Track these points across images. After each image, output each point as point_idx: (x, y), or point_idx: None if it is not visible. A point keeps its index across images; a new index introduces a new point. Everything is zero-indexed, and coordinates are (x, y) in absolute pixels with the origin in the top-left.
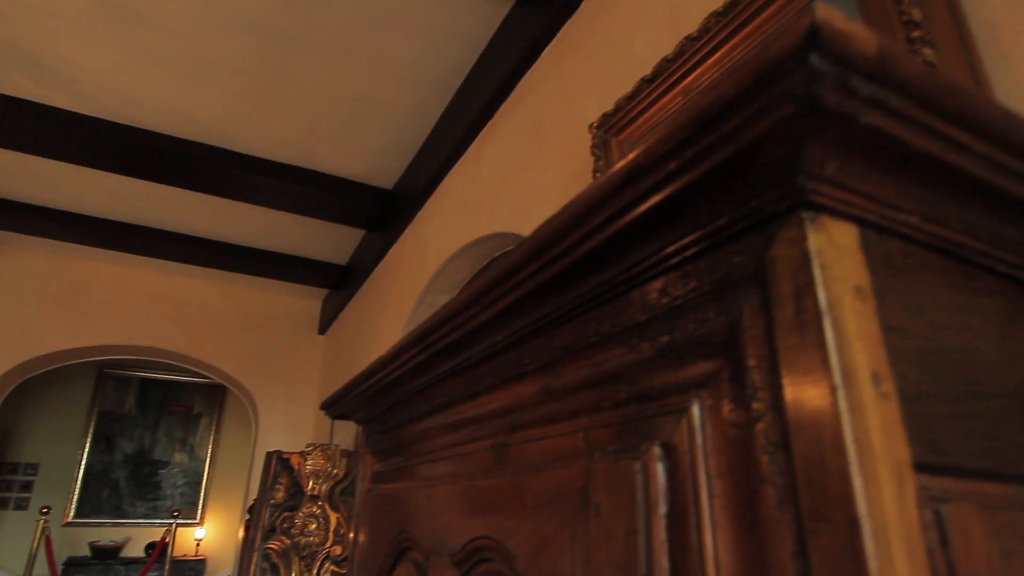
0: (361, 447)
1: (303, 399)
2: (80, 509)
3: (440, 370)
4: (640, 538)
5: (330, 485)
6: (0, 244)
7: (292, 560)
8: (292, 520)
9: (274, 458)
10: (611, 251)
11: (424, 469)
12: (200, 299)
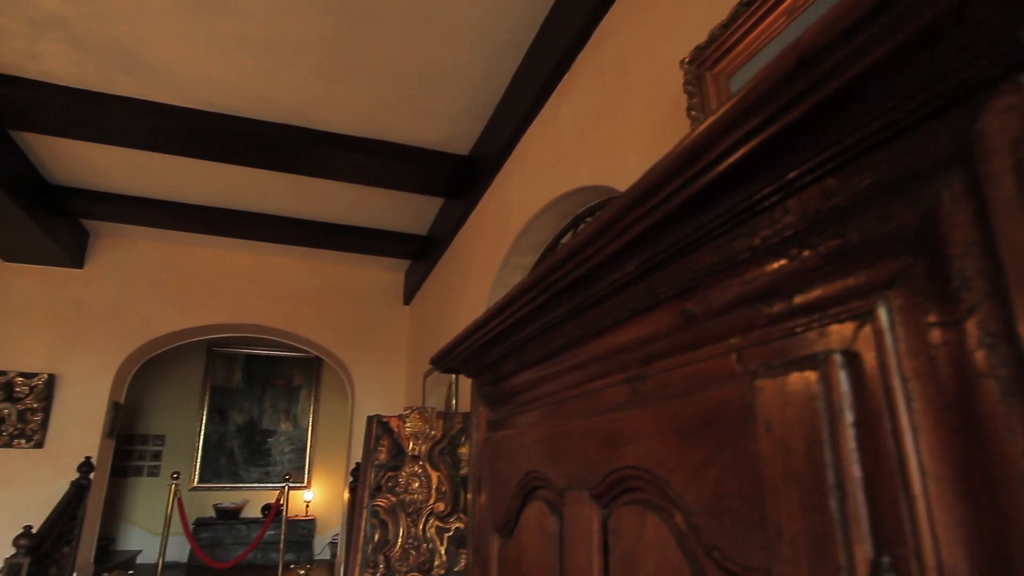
0: (474, 398)
1: (393, 367)
2: (203, 475)
3: (561, 311)
4: (825, 449)
5: (429, 445)
6: (118, 236)
7: (399, 516)
8: (396, 479)
9: (375, 422)
10: (765, 157)
11: (547, 411)
12: (293, 277)
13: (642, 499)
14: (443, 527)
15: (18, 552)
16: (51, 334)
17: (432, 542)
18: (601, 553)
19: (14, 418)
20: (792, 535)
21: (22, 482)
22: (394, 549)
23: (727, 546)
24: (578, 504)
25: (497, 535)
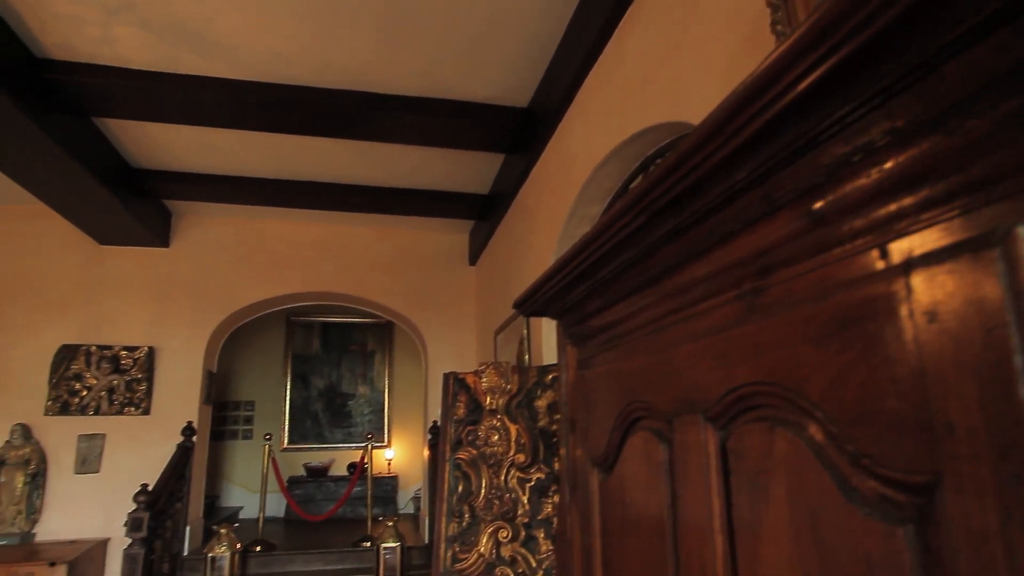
0: (560, 340)
1: (463, 327)
2: (292, 437)
3: (658, 234)
4: (1010, 331)
5: (505, 399)
6: (197, 214)
7: (481, 468)
8: (475, 433)
9: (451, 378)
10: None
11: (644, 341)
12: (361, 244)
13: (768, 415)
14: (524, 477)
15: (139, 507)
16: (147, 310)
17: (514, 492)
18: (721, 475)
19: (123, 388)
20: (967, 431)
21: (135, 445)
22: (478, 499)
23: (880, 452)
24: (690, 429)
25: (597, 470)
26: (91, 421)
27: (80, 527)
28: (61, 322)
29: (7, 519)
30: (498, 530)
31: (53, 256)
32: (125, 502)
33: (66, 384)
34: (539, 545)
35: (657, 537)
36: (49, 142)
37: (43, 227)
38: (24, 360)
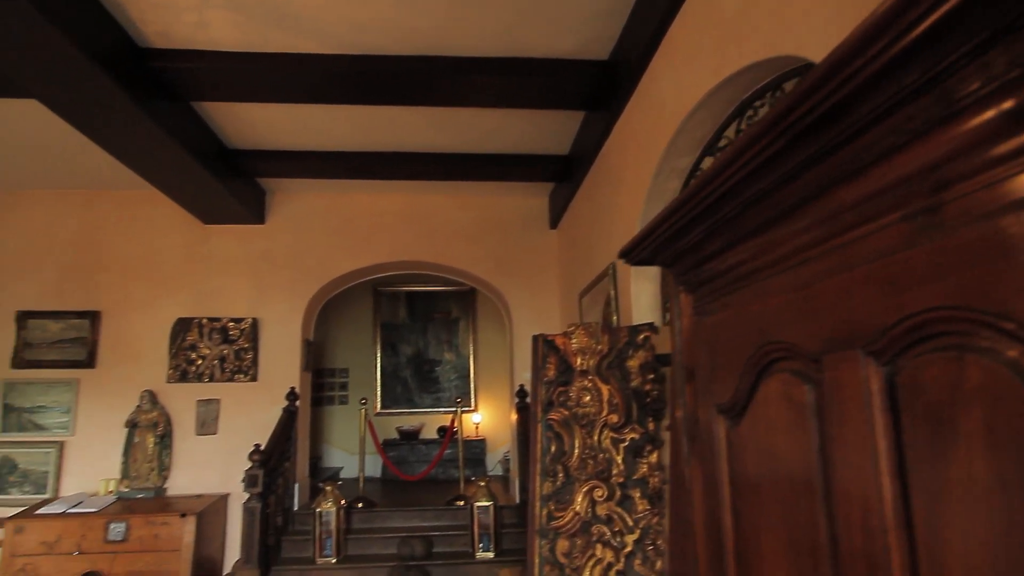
0: (673, 289)
1: (546, 291)
2: (384, 402)
3: (799, 158)
4: None
5: (596, 360)
6: (288, 191)
7: (573, 428)
8: (567, 394)
9: (540, 340)
10: None
11: (782, 278)
12: (443, 213)
13: (954, 343)
14: (618, 438)
15: (253, 465)
16: (249, 283)
17: (608, 452)
18: (888, 414)
19: (232, 357)
20: None
21: (245, 409)
22: (572, 459)
23: None
24: (845, 366)
25: (723, 418)
26: (206, 388)
27: (203, 483)
28: (176, 297)
29: (142, 475)
30: (593, 489)
31: (166, 236)
32: (240, 461)
33: (183, 354)
34: (635, 504)
35: (803, 485)
36: (156, 128)
37: (156, 210)
38: (147, 332)
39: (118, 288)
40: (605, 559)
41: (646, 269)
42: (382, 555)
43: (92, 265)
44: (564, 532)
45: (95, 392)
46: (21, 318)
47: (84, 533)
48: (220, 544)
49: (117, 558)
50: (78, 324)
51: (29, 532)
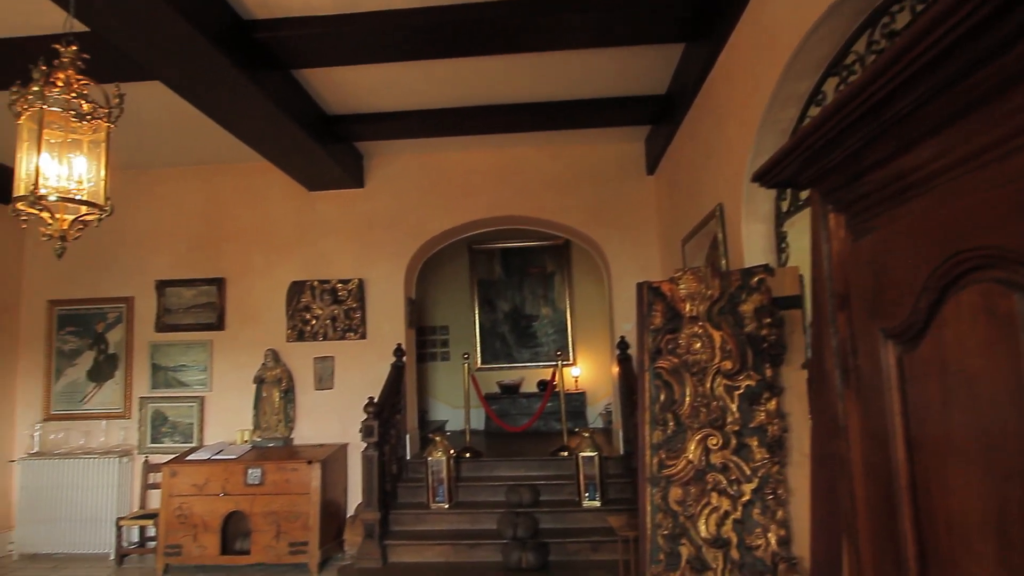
0: (819, 210)
1: (644, 239)
2: (484, 358)
3: (1002, 34)
4: None
5: (707, 305)
6: (384, 154)
7: (683, 376)
8: (675, 341)
9: (645, 288)
10: None
11: (982, 173)
12: (536, 166)
13: None
14: (732, 385)
15: (369, 416)
16: (353, 245)
17: (722, 400)
18: None
19: (343, 317)
20: None
21: (357, 365)
22: (683, 407)
23: None
24: None
25: (892, 343)
26: (321, 346)
27: (324, 434)
28: (289, 261)
29: (271, 426)
30: (707, 437)
31: (277, 204)
32: (355, 413)
33: (299, 315)
34: (752, 453)
35: (1009, 410)
36: (264, 99)
37: (268, 180)
38: (267, 295)
39: (239, 256)
40: (721, 507)
41: (757, 208)
42: (490, 502)
43: (216, 235)
44: (677, 480)
45: (226, 351)
46: (160, 287)
47: (227, 477)
48: (343, 489)
49: (256, 499)
50: (207, 290)
51: (182, 476)
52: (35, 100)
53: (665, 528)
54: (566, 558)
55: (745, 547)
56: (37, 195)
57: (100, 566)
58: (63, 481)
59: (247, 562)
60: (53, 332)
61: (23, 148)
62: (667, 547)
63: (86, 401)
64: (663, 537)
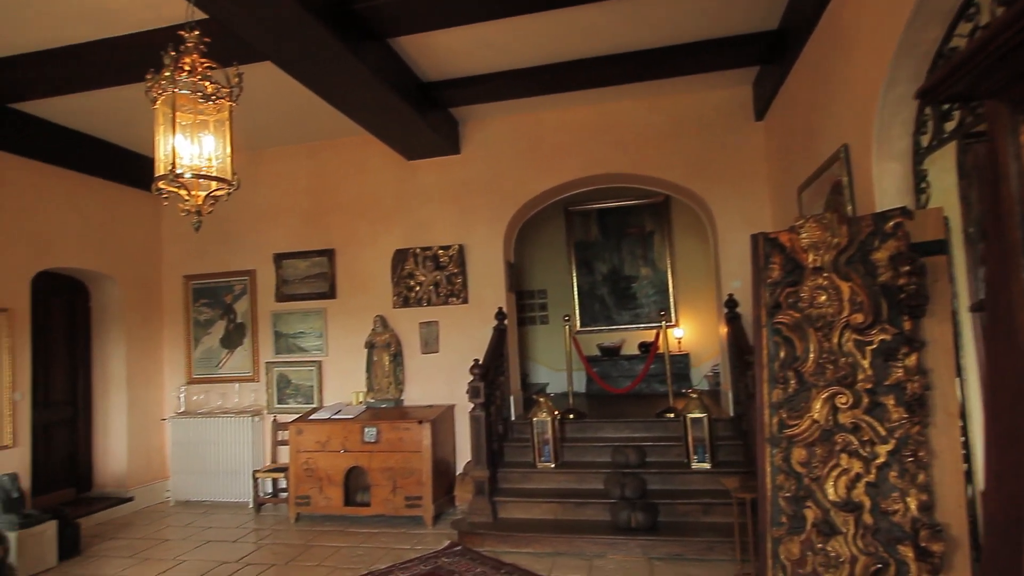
0: (1003, 125)
1: (752, 190)
2: (583, 320)
3: None
4: None
5: (832, 255)
6: (479, 118)
7: (806, 332)
8: (796, 295)
9: (761, 239)
10: None
11: None
12: (633, 119)
13: None
14: (863, 340)
15: (475, 378)
16: (452, 211)
17: (851, 356)
18: None
19: (445, 282)
20: None
21: (460, 329)
22: (806, 364)
23: None
24: None
25: None
26: (426, 311)
27: (431, 395)
28: (392, 230)
29: (383, 388)
30: (834, 396)
31: (379, 175)
32: (460, 376)
33: (403, 282)
34: (887, 412)
35: None
36: (364, 70)
37: (369, 152)
38: (373, 264)
39: (346, 227)
40: (852, 470)
41: (891, 146)
42: (596, 462)
43: (324, 209)
44: (800, 440)
45: (339, 318)
46: (277, 259)
47: (346, 435)
48: (451, 448)
49: (373, 456)
50: (319, 261)
51: (307, 434)
52: (167, 85)
53: (787, 490)
54: (676, 519)
55: (880, 512)
56: (175, 174)
57: (241, 513)
58: (206, 437)
59: (368, 513)
60: (190, 304)
61: (160, 131)
62: (790, 509)
63: (221, 366)
64: (785, 499)
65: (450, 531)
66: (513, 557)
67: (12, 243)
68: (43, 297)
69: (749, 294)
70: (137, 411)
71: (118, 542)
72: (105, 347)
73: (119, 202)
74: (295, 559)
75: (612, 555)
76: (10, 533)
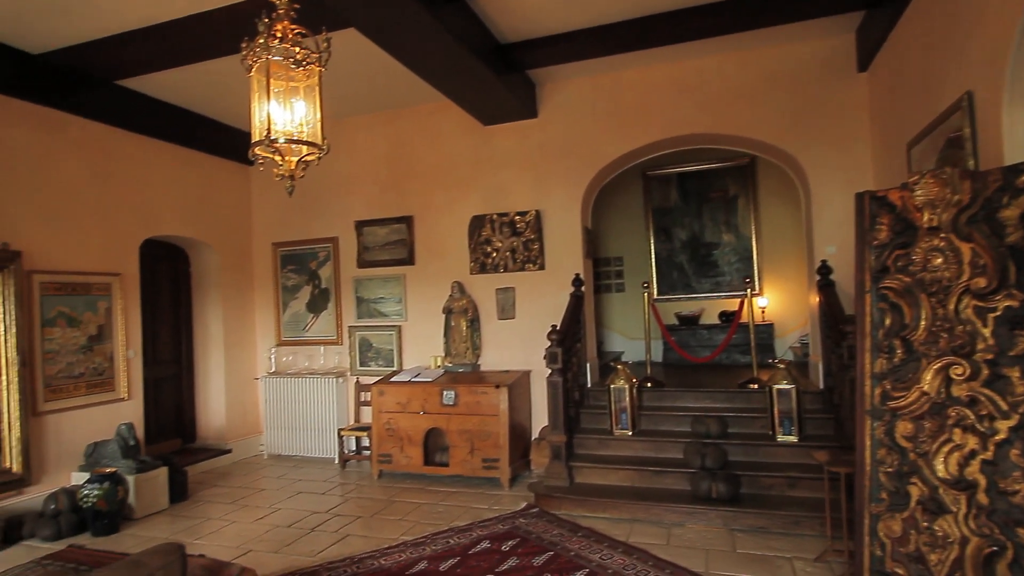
0: None
1: (852, 148)
2: (660, 288)
3: None
4: None
5: (951, 214)
6: (556, 80)
7: (917, 297)
8: (908, 257)
9: (867, 198)
10: None
11: None
12: (720, 75)
13: None
14: (985, 306)
15: (552, 344)
16: (529, 177)
17: (970, 323)
18: None
19: (521, 248)
20: None
21: (537, 296)
22: (916, 333)
23: None
24: None
25: None
26: (502, 277)
27: (508, 361)
28: (469, 197)
29: (460, 353)
30: (949, 367)
31: (455, 142)
32: (536, 342)
33: (480, 248)
34: (1011, 386)
35: None
36: (444, 32)
37: (446, 118)
38: (450, 230)
39: (423, 194)
40: (967, 445)
41: None
42: (674, 431)
43: (402, 176)
44: (906, 413)
45: (417, 284)
46: (359, 226)
47: (425, 398)
48: (527, 413)
49: (451, 418)
50: (398, 228)
51: (388, 395)
52: (262, 52)
53: (889, 465)
54: (759, 492)
55: (998, 491)
56: (270, 139)
57: (328, 468)
58: (295, 396)
59: (446, 473)
60: (278, 270)
61: (255, 99)
62: (891, 485)
63: (307, 329)
64: (886, 475)
65: (526, 494)
66: (589, 521)
67: (123, 213)
68: (150, 263)
69: (845, 260)
70: (233, 370)
71: (220, 489)
72: (204, 310)
73: (213, 173)
74: (379, 512)
75: (691, 524)
76: (129, 477)
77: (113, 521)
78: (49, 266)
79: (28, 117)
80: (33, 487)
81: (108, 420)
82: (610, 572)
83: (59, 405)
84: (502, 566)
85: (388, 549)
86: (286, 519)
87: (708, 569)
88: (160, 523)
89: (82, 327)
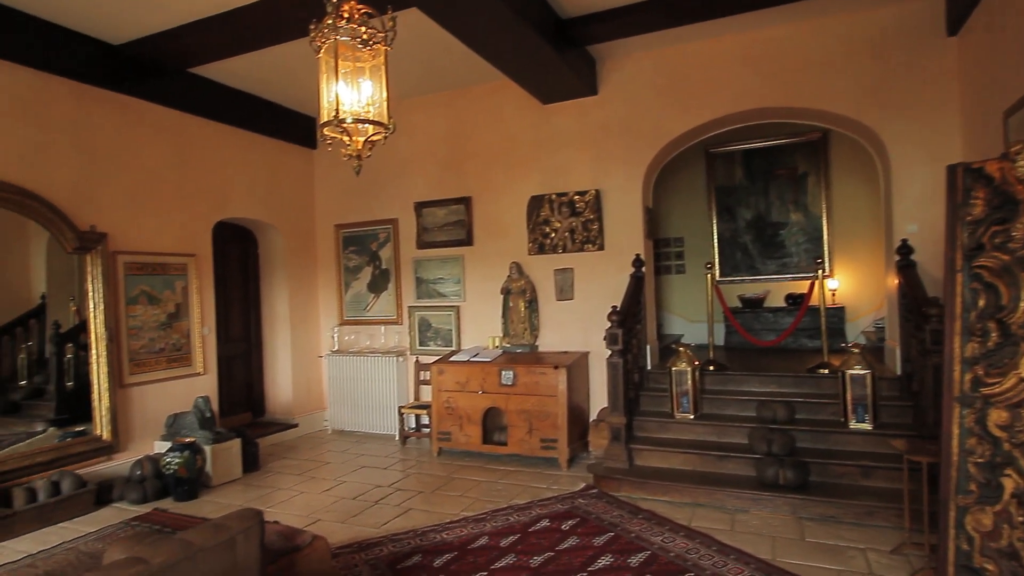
0: None
1: (938, 119)
2: (723, 270)
3: None
4: None
5: None
6: (616, 56)
7: (1017, 277)
8: (1007, 234)
9: (959, 170)
10: None
11: None
12: (789, 45)
13: None
14: None
15: (612, 325)
16: (588, 156)
17: None
18: None
19: (580, 228)
20: None
21: (595, 276)
22: (1014, 315)
23: None
24: None
25: None
26: (561, 258)
27: (566, 342)
28: (527, 177)
29: (518, 334)
30: None
31: (514, 121)
32: (595, 323)
33: (539, 228)
34: None
35: None
36: (503, 6)
37: (504, 98)
38: (508, 211)
39: (482, 174)
40: None
41: None
42: (739, 416)
43: (461, 156)
44: (1001, 401)
45: (476, 265)
46: (418, 208)
47: (484, 377)
48: (585, 395)
49: (510, 398)
50: (456, 209)
51: (447, 374)
52: (329, 33)
53: (980, 455)
54: (830, 480)
55: None
56: (338, 120)
57: (389, 444)
58: (357, 374)
59: (504, 452)
60: (340, 251)
61: (323, 80)
62: (982, 477)
63: (368, 309)
64: (976, 465)
65: (584, 474)
66: (650, 504)
67: (198, 196)
68: (221, 245)
69: (927, 239)
70: (298, 348)
71: (288, 461)
72: (271, 290)
73: (278, 156)
74: (439, 488)
75: (756, 511)
76: (206, 446)
77: (193, 487)
78: (131, 247)
79: (111, 105)
80: (120, 454)
81: (186, 393)
82: (672, 555)
83: (142, 378)
84: (562, 544)
85: (449, 524)
86: (351, 491)
87: (775, 556)
88: (234, 491)
89: (162, 305)
